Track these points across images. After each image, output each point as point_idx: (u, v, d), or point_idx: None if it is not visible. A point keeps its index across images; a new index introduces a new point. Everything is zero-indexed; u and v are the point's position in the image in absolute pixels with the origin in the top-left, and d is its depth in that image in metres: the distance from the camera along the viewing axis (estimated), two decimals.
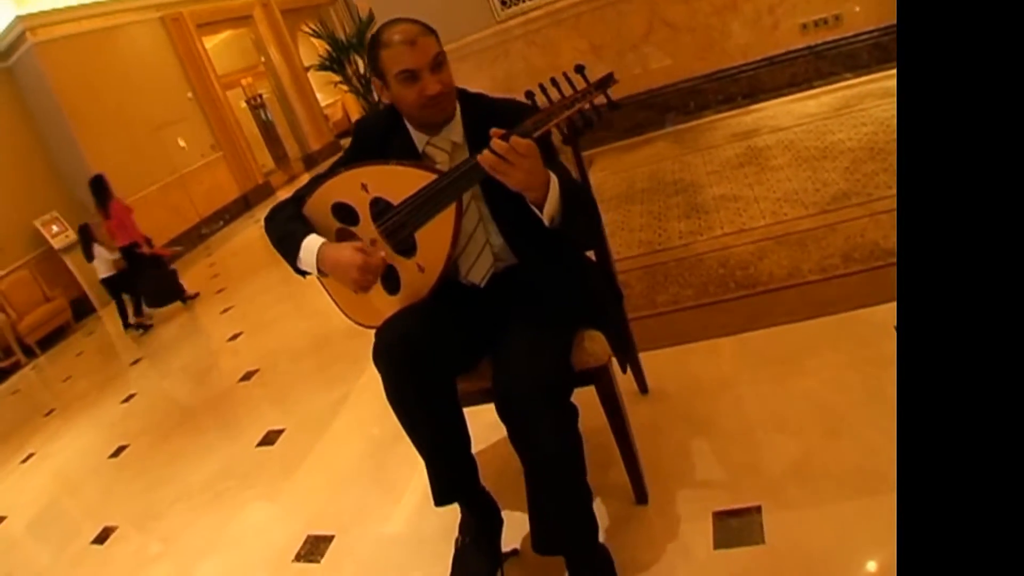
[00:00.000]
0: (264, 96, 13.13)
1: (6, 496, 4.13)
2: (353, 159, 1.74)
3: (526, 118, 1.43)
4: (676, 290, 2.84)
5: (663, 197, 3.84)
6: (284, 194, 10.35)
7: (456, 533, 1.79)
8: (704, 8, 4.76)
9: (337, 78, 8.21)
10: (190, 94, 10.19)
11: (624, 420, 1.76)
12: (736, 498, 1.73)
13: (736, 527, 1.65)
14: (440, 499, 1.68)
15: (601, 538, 1.71)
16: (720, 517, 1.69)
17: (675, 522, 1.74)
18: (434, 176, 1.54)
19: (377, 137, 1.72)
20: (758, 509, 1.67)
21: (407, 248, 1.64)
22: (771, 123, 4.31)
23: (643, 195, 4.00)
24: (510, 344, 1.57)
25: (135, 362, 5.72)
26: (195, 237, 9.80)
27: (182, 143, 10.12)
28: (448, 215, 1.56)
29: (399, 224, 1.61)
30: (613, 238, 3.59)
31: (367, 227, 1.67)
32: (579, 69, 1.43)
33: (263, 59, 12.31)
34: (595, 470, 1.89)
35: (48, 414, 5.36)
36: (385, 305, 1.71)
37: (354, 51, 6.26)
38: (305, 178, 10.03)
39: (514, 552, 1.80)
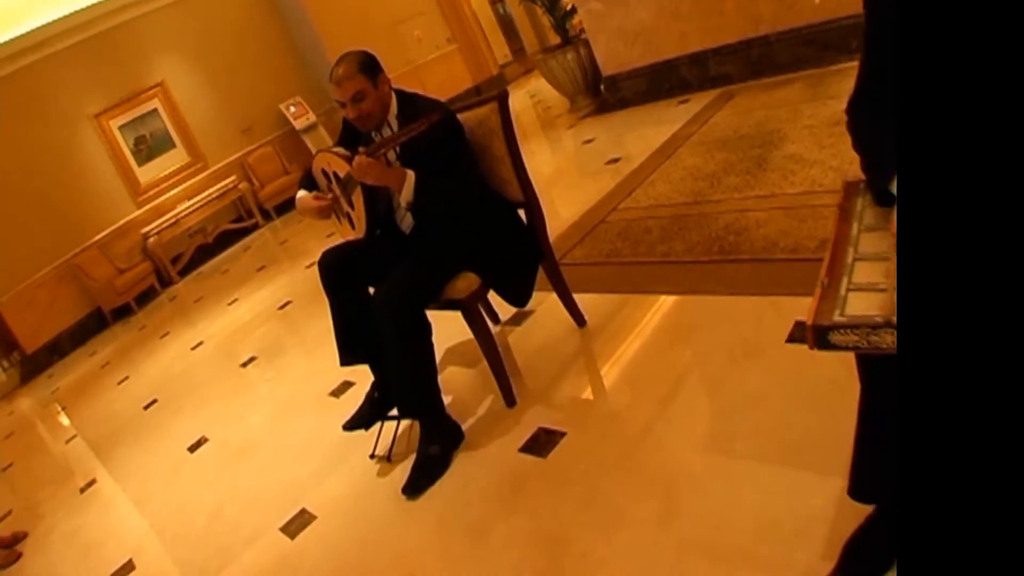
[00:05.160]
0: None
1: (208, 328, 5.76)
2: (338, 142, 2.62)
3: (437, 114, 2.23)
4: (675, 243, 3.22)
5: (748, 148, 4.03)
6: (517, 87, 11.30)
7: None
8: None
9: None
10: None
11: (488, 341, 2.43)
12: (559, 422, 2.31)
13: (541, 441, 2.25)
14: (341, 360, 2.56)
15: (469, 421, 2.51)
16: (539, 431, 2.30)
17: (514, 425, 2.38)
18: (348, 167, 2.31)
19: (352, 127, 2.55)
20: (563, 434, 2.24)
21: (352, 205, 2.46)
22: None
23: (737, 142, 4.20)
24: (399, 269, 2.32)
25: (329, 235, 7.14)
26: None
27: (418, 34, 11.37)
28: (359, 191, 2.36)
29: (341, 189, 2.42)
30: (682, 183, 3.93)
31: (335, 187, 2.51)
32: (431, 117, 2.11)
33: None
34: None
35: (260, 269, 7.02)
36: (351, 234, 2.61)
37: None
38: None
39: None
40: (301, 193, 2.65)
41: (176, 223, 8.34)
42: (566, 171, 5.54)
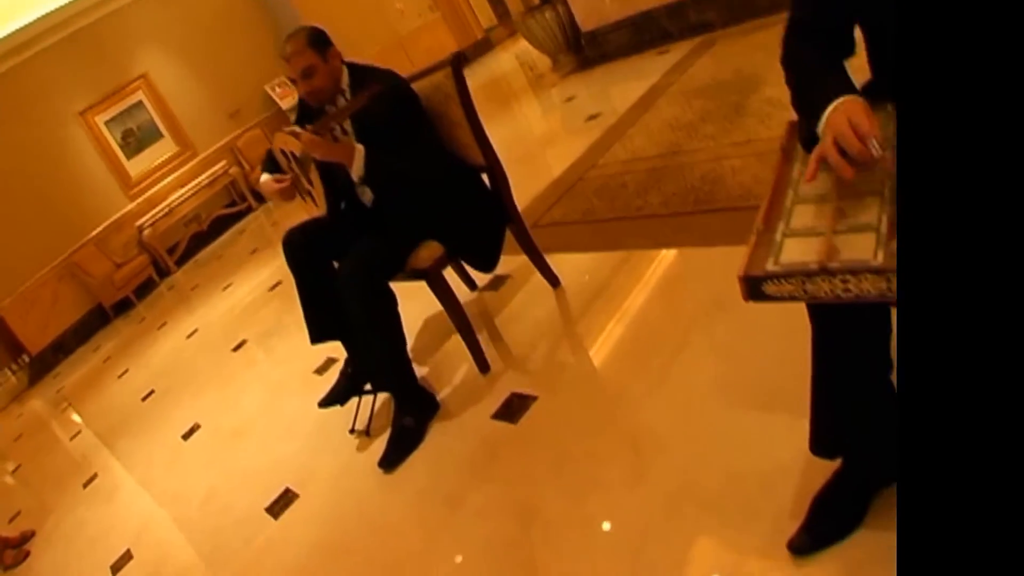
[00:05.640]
0: None
1: (205, 315, 5.77)
2: (296, 119, 2.56)
3: (378, 85, 2.19)
4: (651, 197, 3.16)
5: (726, 94, 3.93)
6: (503, 49, 11.16)
7: None
8: None
9: None
10: None
11: (456, 309, 2.41)
12: (531, 386, 2.28)
13: (513, 407, 2.22)
14: (312, 338, 2.53)
15: (445, 390, 2.50)
16: (511, 396, 2.28)
17: (487, 391, 2.37)
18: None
19: (308, 104, 2.49)
20: (535, 398, 2.22)
21: (311, 182, 2.43)
22: None
23: (715, 89, 4.10)
24: (360, 243, 2.28)
25: None
26: None
27: (399, 6, 11.17)
28: (314, 168, 2.34)
29: (299, 168, 2.39)
30: (660, 134, 3.85)
31: (294, 166, 2.49)
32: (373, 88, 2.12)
33: None
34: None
35: (252, 252, 7.01)
36: (315, 211, 2.58)
37: None
38: None
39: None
40: (264, 176, 2.60)
41: (169, 213, 8.32)
42: (547, 131, 5.46)
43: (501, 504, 1.91)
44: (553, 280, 2.77)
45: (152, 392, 4.58)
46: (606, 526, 1.65)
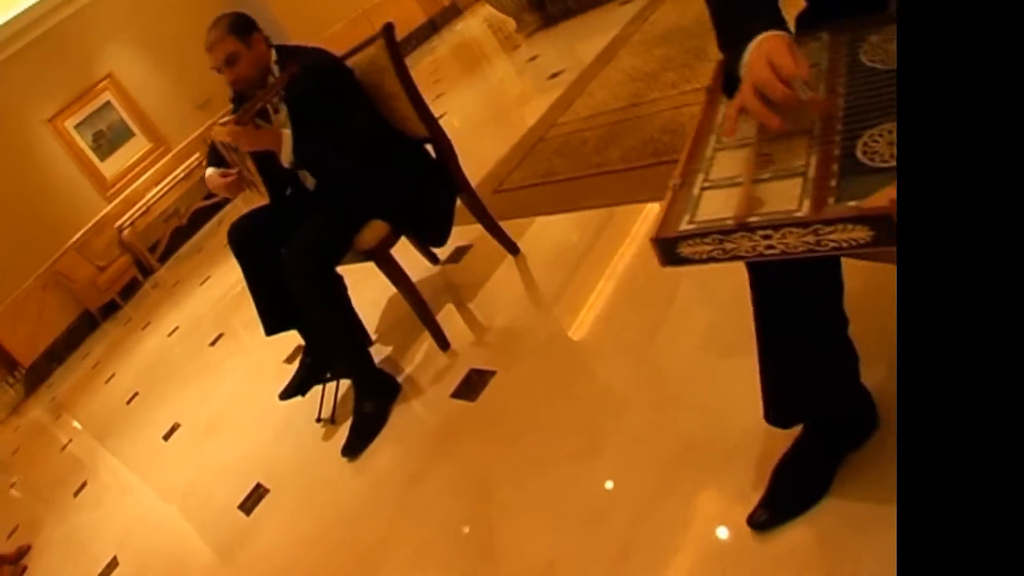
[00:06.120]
0: None
1: (183, 312, 5.70)
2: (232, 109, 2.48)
3: (295, 66, 2.11)
4: (611, 152, 3.06)
5: (689, 39, 3.80)
6: (472, 14, 10.91)
7: None
8: None
9: None
10: None
11: (408, 287, 2.35)
12: (490, 361, 2.22)
13: (471, 384, 2.17)
14: (266, 330, 2.47)
15: (407, 370, 2.44)
16: (470, 373, 2.21)
17: (448, 369, 2.31)
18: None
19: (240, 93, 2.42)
20: (493, 374, 2.15)
21: (251, 172, 2.34)
22: None
23: (677, 36, 3.97)
24: (302, 229, 2.21)
25: None
26: None
27: None
28: (248, 157, 2.27)
29: (239, 158, 2.32)
30: (620, 86, 3.73)
31: (235, 157, 2.40)
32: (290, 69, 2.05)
33: None
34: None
35: (226, 244, 6.87)
36: (261, 201, 2.52)
37: None
38: None
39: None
40: (209, 171, 2.53)
41: (148, 211, 8.19)
42: (511, 92, 5.33)
43: (462, 483, 1.85)
44: (512, 248, 2.69)
45: (136, 394, 4.54)
46: (562, 500, 1.60)
